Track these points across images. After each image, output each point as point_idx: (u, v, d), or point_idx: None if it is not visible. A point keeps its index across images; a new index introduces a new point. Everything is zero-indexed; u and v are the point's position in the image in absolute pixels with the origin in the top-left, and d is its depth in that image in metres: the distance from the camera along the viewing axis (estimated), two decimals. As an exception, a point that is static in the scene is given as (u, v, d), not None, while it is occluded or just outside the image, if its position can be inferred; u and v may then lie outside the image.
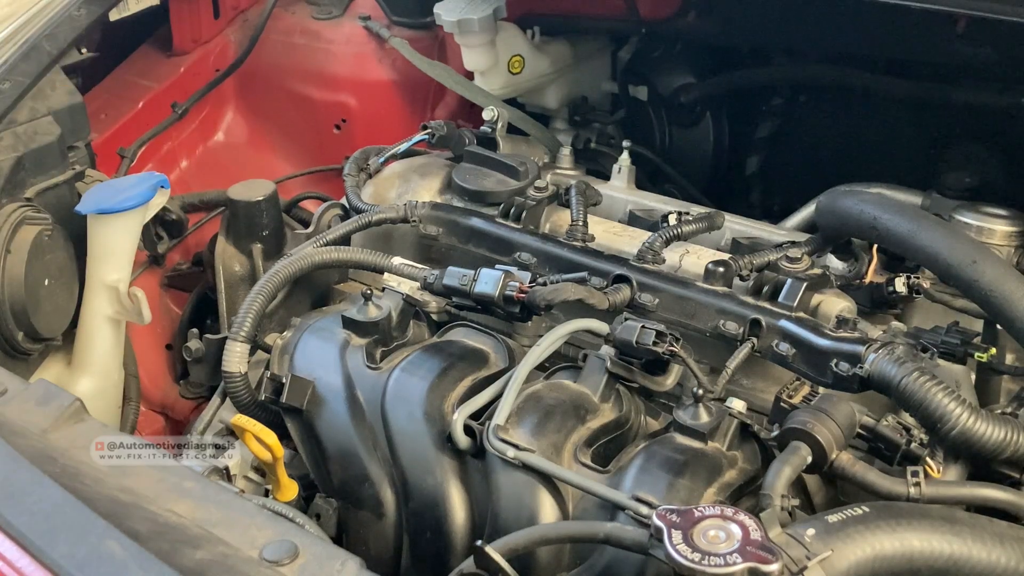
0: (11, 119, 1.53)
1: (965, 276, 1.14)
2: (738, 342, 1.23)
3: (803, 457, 1.01)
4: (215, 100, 2.20)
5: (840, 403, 1.06)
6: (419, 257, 1.51)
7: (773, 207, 1.96)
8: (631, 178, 1.74)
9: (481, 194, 1.59)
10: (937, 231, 1.20)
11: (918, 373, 1.03)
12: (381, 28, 2.12)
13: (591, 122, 2.06)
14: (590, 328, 1.22)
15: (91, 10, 1.66)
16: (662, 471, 1.06)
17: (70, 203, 1.59)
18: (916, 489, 0.99)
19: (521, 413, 1.14)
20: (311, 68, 2.18)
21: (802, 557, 0.83)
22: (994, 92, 1.58)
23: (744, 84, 2.01)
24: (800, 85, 1.95)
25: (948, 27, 1.48)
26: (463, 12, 1.84)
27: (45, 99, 1.61)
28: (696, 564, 0.80)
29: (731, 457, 1.10)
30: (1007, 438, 0.99)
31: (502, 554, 0.93)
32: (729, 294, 1.29)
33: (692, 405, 1.11)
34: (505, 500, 1.11)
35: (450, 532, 1.16)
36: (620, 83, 2.06)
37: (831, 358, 1.15)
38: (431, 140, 1.74)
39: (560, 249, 1.43)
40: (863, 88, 1.79)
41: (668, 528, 0.83)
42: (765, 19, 1.78)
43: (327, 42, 2.17)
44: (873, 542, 0.87)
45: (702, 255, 1.42)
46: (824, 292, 1.29)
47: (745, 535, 0.82)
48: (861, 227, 1.30)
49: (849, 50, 1.75)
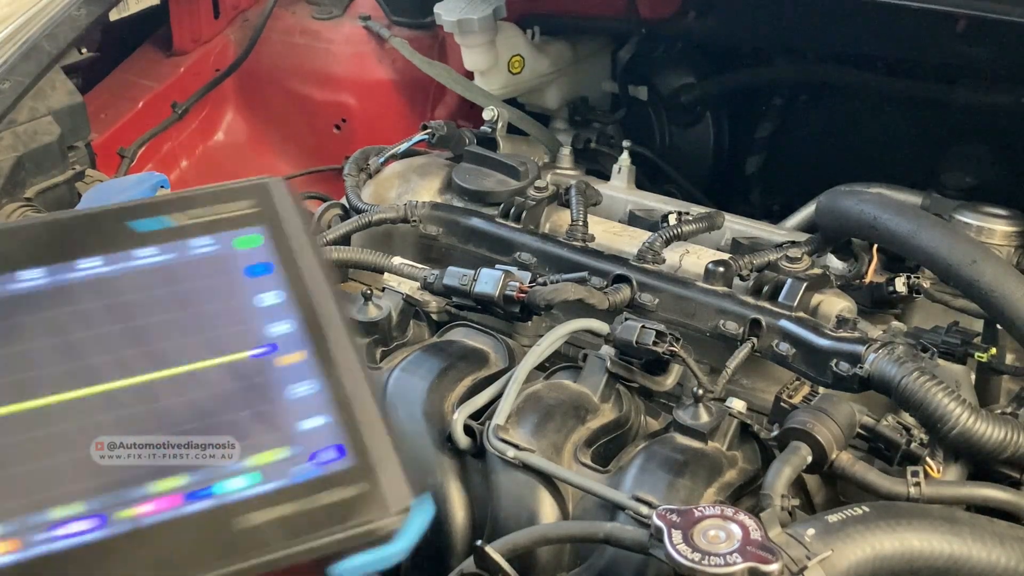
0: (11, 119, 1.53)
1: (965, 276, 1.14)
2: (738, 342, 1.23)
3: (803, 457, 1.01)
4: (215, 100, 2.20)
5: (840, 403, 1.06)
6: (419, 257, 1.51)
7: (773, 207, 1.96)
8: (631, 178, 1.74)
9: (481, 194, 1.59)
10: (937, 231, 1.20)
11: (918, 373, 1.03)
12: (381, 28, 2.12)
13: (591, 122, 2.06)
14: (590, 328, 1.22)
15: (91, 10, 1.66)
16: (662, 471, 1.06)
17: (70, 203, 1.59)
18: (916, 489, 0.99)
19: (521, 413, 1.14)
20: (311, 68, 2.17)
21: (802, 557, 0.83)
22: (994, 92, 1.58)
23: (744, 84, 2.01)
24: (800, 85, 1.95)
25: (948, 27, 1.48)
26: (463, 12, 1.84)
27: (45, 99, 1.61)
28: (696, 564, 0.80)
29: (731, 457, 1.10)
30: (1007, 438, 0.99)
31: (502, 554, 0.93)
32: (729, 294, 1.29)
33: (692, 405, 1.11)
34: (505, 500, 1.10)
35: (450, 532, 1.16)
36: (620, 83, 2.06)
37: (831, 358, 1.15)
38: (431, 140, 1.74)
39: (560, 249, 1.43)
40: (863, 88, 1.79)
41: (668, 528, 0.83)
42: (765, 19, 1.78)
43: (327, 42, 2.17)
44: (873, 542, 0.87)
45: (702, 255, 1.42)
46: (824, 292, 1.29)
47: (745, 535, 0.82)
48: (861, 227, 1.30)
49: (849, 50, 1.75)
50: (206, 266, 0.54)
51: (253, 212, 0.57)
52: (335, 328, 0.54)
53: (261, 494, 0.47)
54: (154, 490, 0.47)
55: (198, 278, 0.54)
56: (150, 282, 0.53)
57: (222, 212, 0.56)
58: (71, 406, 0.47)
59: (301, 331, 0.53)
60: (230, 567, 0.45)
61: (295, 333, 0.53)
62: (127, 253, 0.53)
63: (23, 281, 0.51)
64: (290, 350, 0.52)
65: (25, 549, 0.43)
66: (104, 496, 0.45)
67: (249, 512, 0.46)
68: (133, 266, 0.53)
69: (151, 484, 0.47)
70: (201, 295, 0.54)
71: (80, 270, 0.52)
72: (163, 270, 0.54)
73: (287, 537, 0.46)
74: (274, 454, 0.49)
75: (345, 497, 0.47)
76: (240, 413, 0.50)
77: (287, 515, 0.46)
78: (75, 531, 0.45)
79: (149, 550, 0.45)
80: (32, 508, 0.44)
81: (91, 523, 0.45)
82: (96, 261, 0.53)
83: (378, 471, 0.49)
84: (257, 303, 0.53)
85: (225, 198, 0.57)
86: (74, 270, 0.52)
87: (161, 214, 0.55)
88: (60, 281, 0.52)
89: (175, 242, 0.55)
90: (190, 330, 0.52)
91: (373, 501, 0.47)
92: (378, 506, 0.47)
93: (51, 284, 0.51)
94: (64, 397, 0.47)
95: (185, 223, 0.55)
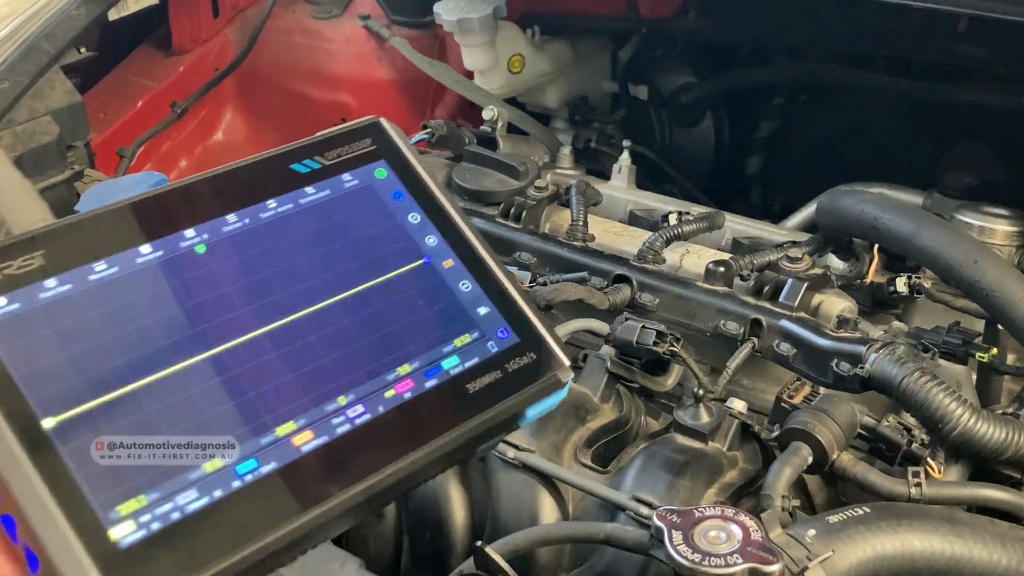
0: (10, 119, 1.53)
1: (966, 276, 1.14)
2: (739, 342, 1.23)
3: (804, 457, 1.01)
4: (214, 99, 2.20)
5: (841, 403, 1.05)
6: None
7: (774, 207, 1.95)
8: (631, 178, 1.74)
9: (481, 194, 1.59)
10: (938, 231, 1.19)
11: (919, 373, 1.02)
12: (381, 27, 2.11)
13: (591, 122, 2.05)
14: (590, 328, 1.22)
15: (90, 9, 1.65)
16: (662, 471, 1.06)
17: (69, 203, 1.58)
18: (917, 489, 0.99)
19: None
20: (311, 67, 2.17)
21: (803, 558, 0.83)
22: (996, 92, 1.57)
23: (745, 84, 2.01)
24: (801, 85, 1.95)
25: (949, 26, 1.47)
26: (463, 11, 1.84)
27: (44, 99, 1.60)
28: (697, 564, 0.79)
29: (732, 457, 1.09)
30: (1008, 438, 0.99)
31: (502, 555, 0.93)
32: (730, 294, 1.29)
33: (692, 405, 1.11)
34: (505, 500, 1.10)
35: (450, 532, 1.15)
36: (620, 83, 2.06)
37: (832, 358, 1.15)
38: (431, 140, 1.74)
39: (560, 249, 1.43)
40: (864, 88, 1.79)
41: (668, 529, 0.83)
42: (766, 18, 1.78)
43: (327, 41, 2.17)
44: (874, 542, 0.87)
45: (703, 255, 1.42)
46: (825, 292, 1.29)
47: (746, 536, 0.82)
48: (862, 227, 1.30)
49: (850, 49, 1.75)
50: (359, 198, 0.65)
51: (376, 148, 0.68)
52: (468, 237, 0.66)
53: (472, 366, 0.61)
54: (398, 374, 0.58)
55: (356, 209, 0.64)
56: (321, 216, 0.63)
57: (353, 151, 0.67)
58: (300, 323, 0.58)
59: (444, 243, 0.65)
60: (468, 424, 0.58)
61: (441, 244, 0.65)
62: (300, 192, 0.63)
63: (231, 224, 0.60)
64: (442, 258, 0.64)
65: (319, 436, 0.54)
66: (362, 387, 0.57)
67: (469, 381, 0.60)
68: (305, 203, 0.63)
69: (391, 372, 0.58)
70: (364, 222, 0.64)
71: (269, 210, 0.62)
72: (329, 203, 0.64)
73: (498, 396, 0.60)
74: (466, 338, 0.62)
75: (528, 362, 0.62)
76: (431, 310, 0.62)
77: (493, 380, 0.60)
78: (354, 415, 0.56)
79: (412, 419, 0.57)
80: (315, 403, 0.55)
81: (363, 407, 0.56)
82: (274, 203, 0.62)
83: (544, 340, 0.63)
84: (406, 224, 0.65)
85: (352, 137, 0.67)
86: (265, 210, 0.62)
87: (309, 157, 0.65)
88: (256, 222, 0.61)
89: (329, 180, 0.64)
90: (366, 252, 0.63)
91: (548, 361, 0.62)
92: (554, 364, 0.62)
93: (249, 227, 0.60)
94: (292, 317, 0.58)
95: (330, 163, 0.65)
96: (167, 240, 0.57)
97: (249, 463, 0.52)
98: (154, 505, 0.49)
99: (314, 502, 0.52)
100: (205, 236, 0.59)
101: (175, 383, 0.53)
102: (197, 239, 0.58)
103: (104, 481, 0.49)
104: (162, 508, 0.49)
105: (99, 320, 0.53)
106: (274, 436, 0.53)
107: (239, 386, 0.54)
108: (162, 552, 0.48)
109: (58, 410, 0.50)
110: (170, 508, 0.49)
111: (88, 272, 0.54)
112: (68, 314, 0.53)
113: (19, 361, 0.50)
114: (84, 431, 0.50)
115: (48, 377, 0.50)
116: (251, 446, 0.52)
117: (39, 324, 0.52)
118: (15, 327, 0.51)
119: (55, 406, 0.50)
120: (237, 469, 0.52)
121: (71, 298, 0.53)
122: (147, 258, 0.56)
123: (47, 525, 0.46)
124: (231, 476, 0.51)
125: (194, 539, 0.49)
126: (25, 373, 0.50)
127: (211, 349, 0.55)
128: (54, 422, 0.49)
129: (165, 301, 0.56)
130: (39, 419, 0.49)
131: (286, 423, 0.54)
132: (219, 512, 0.50)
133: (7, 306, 0.51)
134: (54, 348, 0.51)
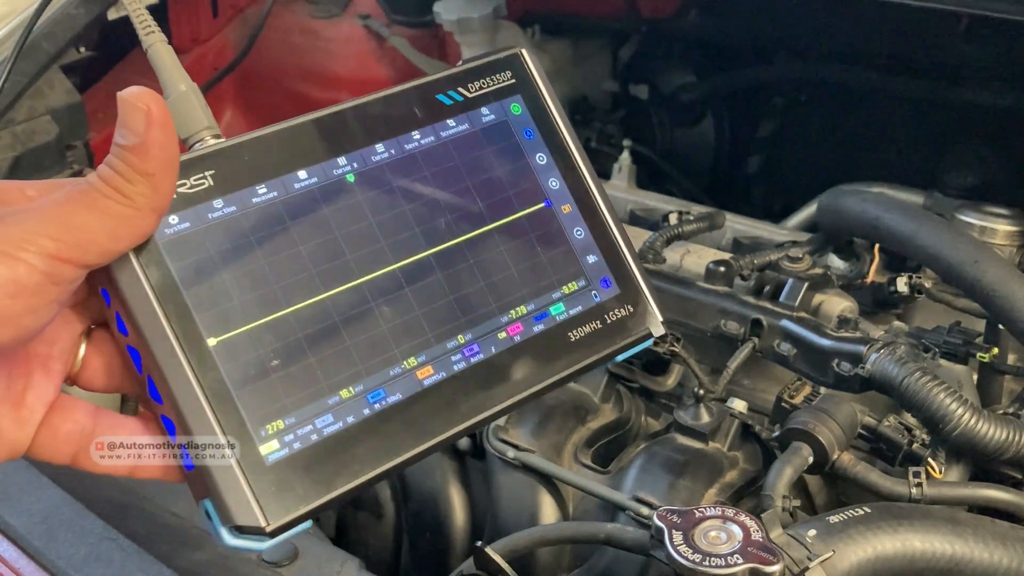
0: (9, 118, 1.53)
1: (967, 276, 1.13)
2: (739, 342, 1.23)
3: (804, 457, 1.01)
4: (214, 99, 2.19)
5: (841, 403, 1.05)
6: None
7: (774, 206, 1.95)
8: (632, 177, 1.74)
9: (481, 193, 1.59)
10: (939, 231, 1.19)
11: (920, 373, 1.02)
12: (381, 27, 2.11)
13: (591, 121, 2.05)
14: (590, 328, 1.22)
15: (89, 9, 1.65)
16: (663, 471, 1.06)
17: (69, 202, 1.58)
18: (918, 490, 0.99)
19: (521, 413, 1.14)
20: (310, 67, 2.17)
21: (803, 558, 0.83)
22: (997, 91, 1.57)
23: (746, 83, 2.00)
24: (802, 84, 1.95)
25: (950, 26, 1.47)
26: (463, 11, 1.84)
27: (43, 98, 1.60)
28: (697, 565, 0.79)
29: (732, 457, 1.09)
30: (1009, 438, 0.99)
31: (502, 555, 0.93)
32: (730, 294, 1.28)
33: (693, 405, 1.11)
34: (505, 501, 1.10)
35: (450, 532, 1.16)
36: (621, 82, 2.06)
37: (833, 358, 1.15)
38: (431, 139, 1.74)
39: (560, 248, 1.42)
40: (865, 87, 1.78)
41: (669, 529, 0.83)
42: (767, 18, 1.78)
43: (326, 41, 2.17)
44: (875, 543, 0.87)
45: (703, 254, 1.42)
46: (826, 292, 1.29)
47: (746, 536, 0.82)
48: (863, 226, 1.30)
49: (851, 49, 1.75)
50: (494, 134, 0.64)
51: (515, 83, 0.66)
52: (589, 184, 0.66)
53: (576, 314, 0.62)
54: (511, 317, 0.60)
55: (490, 145, 0.64)
56: (458, 150, 0.63)
57: (493, 83, 0.66)
58: (431, 261, 0.59)
59: (565, 187, 0.65)
60: (564, 372, 0.61)
61: (561, 189, 0.65)
62: (442, 124, 0.63)
63: (378, 154, 0.60)
64: (562, 203, 0.65)
65: (438, 372, 0.57)
66: (480, 327, 0.59)
67: (571, 329, 0.62)
68: (445, 136, 0.63)
69: (505, 315, 0.60)
70: (495, 160, 0.64)
71: (413, 141, 0.62)
72: (467, 138, 0.63)
73: (594, 346, 0.62)
74: (573, 286, 0.63)
75: (625, 314, 0.64)
76: (546, 255, 0.63)
77: (592, 331, 0.62)
78: (470, 353, 0.58)
79: (523, 360, 0.60)
80: (438, 340, 0.58)
81: (478, 347, 0.59)
82: (418, 134, 0.62)
83: (643, 294, 0.65)
84: (534, 164, 0.65)
85: (495, 68, 0.66)
86: (411, 141, 0.62)
87: (454, 88, 0.64)
88: (401, 154, 0.61)
89: (469, 112, 0.64)
90: (494, 191, 0.63)
91: (643, 315, 0.64)
92: (648, 319, 0.64)
93: (395, 158, 0.61)
94: (425, 253, 0.59)
95: (472, 95, 0.64)
96: (322, 167, 0.58)
97: (378, 393, 0.55)
98: (297, 426, 0.52)
99: (430, 435, 0.55)
100: (355, 165, 0.59)
101: (322, 311, 0.55)
102: (348, 168, 0.59)
103: (257, 400, 0.52)
104: (303, 429, 0.52)
105: (257, 243, 0.55)
106: (402, 368, 0.56)
107: (375, 319, 0.56)
108: (300, 471, 0.51)
109: (221, 330, 0.52)
110: (310, 430, 0.53)
111: (251, 195, 0.55)
112: (231, 236, 0.54)
113: (189, 280, 0.52)
114: (242, 352, 0.52)
115: (212, 297, 0.53)
116: (381, 376, 0.55)
117: (207, 244, 0.53)
118: (187, 246, 0.53)
119: (218, 325, 0.52)
120: (368, 397, 0.55)
121: (236, 220, 0.55)
122: (304, 184, 0.57)
123: (208, 439, 0.52)
124: (363, 404, 0.54)
125: (326, 460, 0.52)
126: (194, 292, 0.52)
127: (354, 280, 0.57)
128: (216, 341, 0.52)
129: (317, 229, 0.57)
130: (205, 338, 0.52)
131: (410, 357, 0.57)
132: (349, 437, 0.53)
133: (179, 224, 0.53)
134: (218, 269, 0.53)
